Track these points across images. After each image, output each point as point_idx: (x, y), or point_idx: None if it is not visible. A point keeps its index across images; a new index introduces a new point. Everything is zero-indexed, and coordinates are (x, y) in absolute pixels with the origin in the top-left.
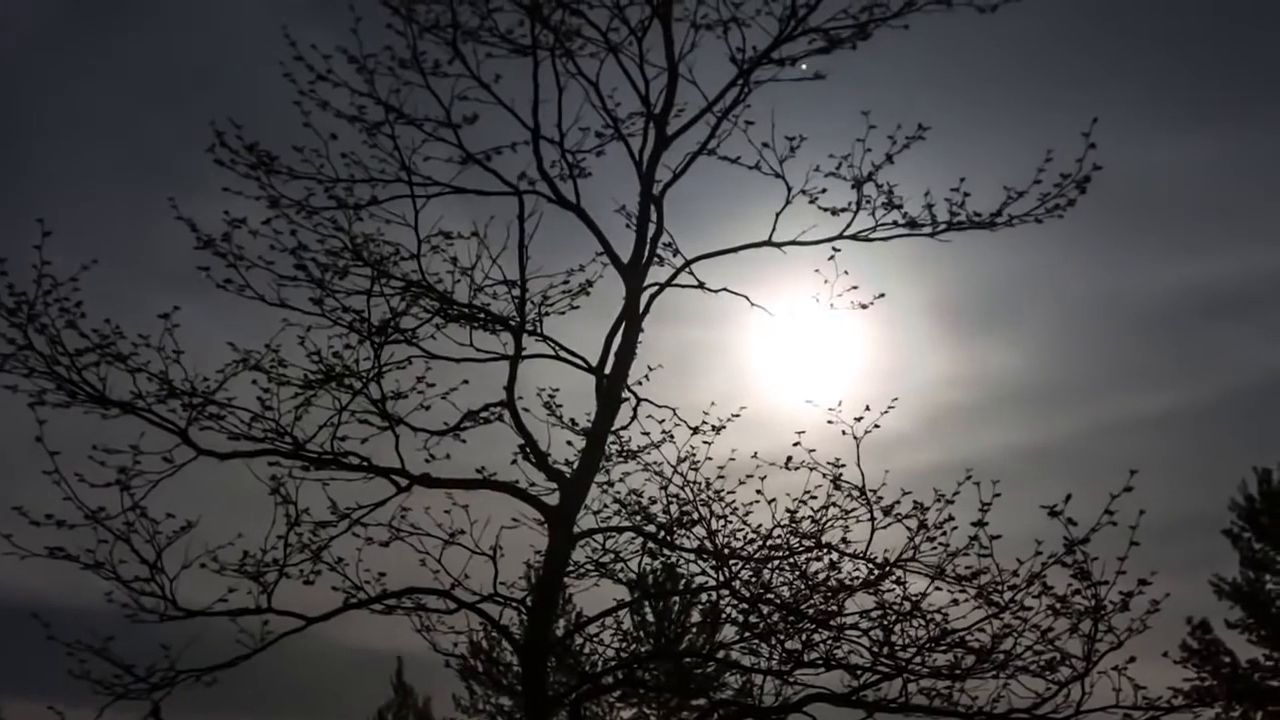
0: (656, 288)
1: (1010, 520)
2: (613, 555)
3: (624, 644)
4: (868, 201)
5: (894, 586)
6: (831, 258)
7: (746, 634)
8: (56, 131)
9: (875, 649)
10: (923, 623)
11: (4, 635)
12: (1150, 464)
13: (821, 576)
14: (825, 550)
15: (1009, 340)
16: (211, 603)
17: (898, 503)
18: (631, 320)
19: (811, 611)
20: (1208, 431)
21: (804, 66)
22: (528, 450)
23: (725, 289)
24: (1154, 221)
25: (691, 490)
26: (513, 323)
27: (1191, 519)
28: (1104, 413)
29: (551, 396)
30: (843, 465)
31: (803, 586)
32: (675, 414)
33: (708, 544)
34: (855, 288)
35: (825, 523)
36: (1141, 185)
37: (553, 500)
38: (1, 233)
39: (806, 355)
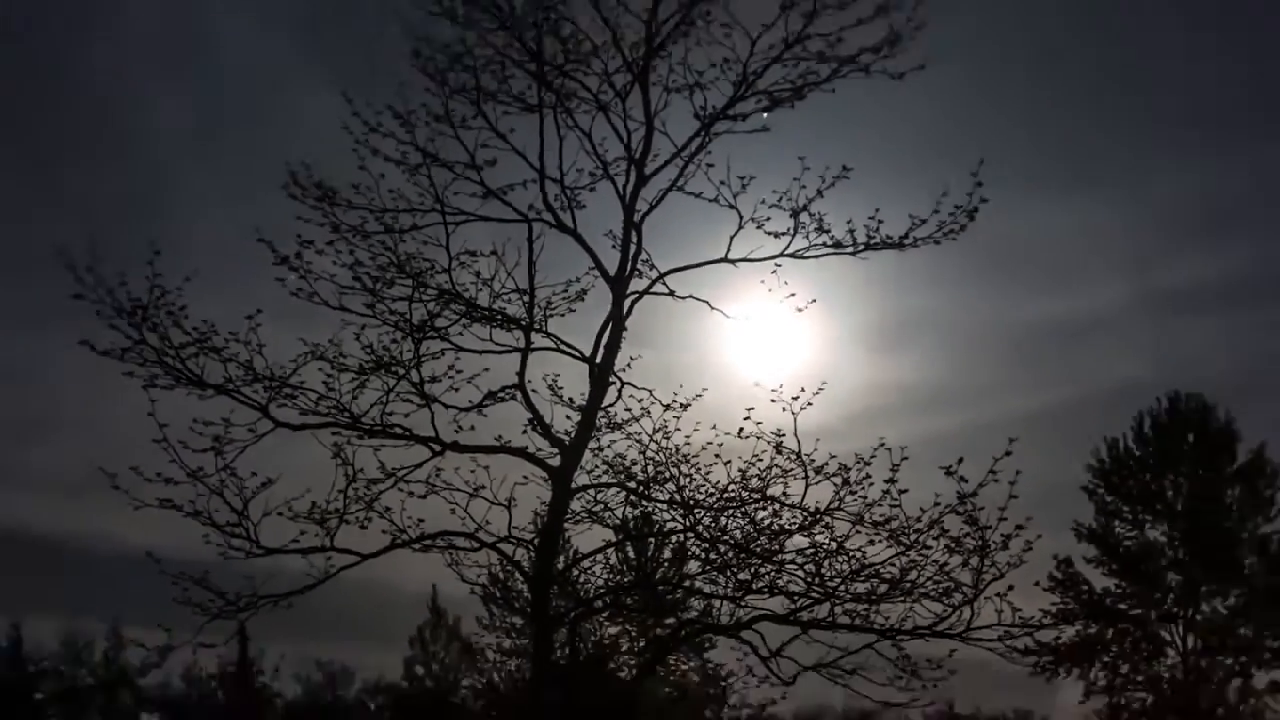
0: (636, 295)
1: (915, 490)
2: (602, 505)
3: (610, 576)
4: (803, 227)
5: (823, 531)
6: (774, 272)
7: (707, 568)
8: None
9: (808, 580)
10: (846, 559)
11: (123, 575)
12: (1025, 448)
13: (766, 523)
14: (769, 502)
15: (917, 357)
16: (286, 542)
17: (826, 464)
18: (617, 321)
19: (758, 550)
20: (1070, 426)
21: (766, 115)
22: (535, 423)
23: (691, 296)
24: (1030, 266)
25: (664, 455)
26: (523, 323)
27: (1058, 488)
28: (989, 411)
29: (554, 381)
30: (783, 435)
31: (751, 530)
32: (651, 394)
33: (677, 497)
34: (794, 295)
35: (769, 480)
36: (1021, 237)
37: (555, 462)
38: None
39: (761, 363)
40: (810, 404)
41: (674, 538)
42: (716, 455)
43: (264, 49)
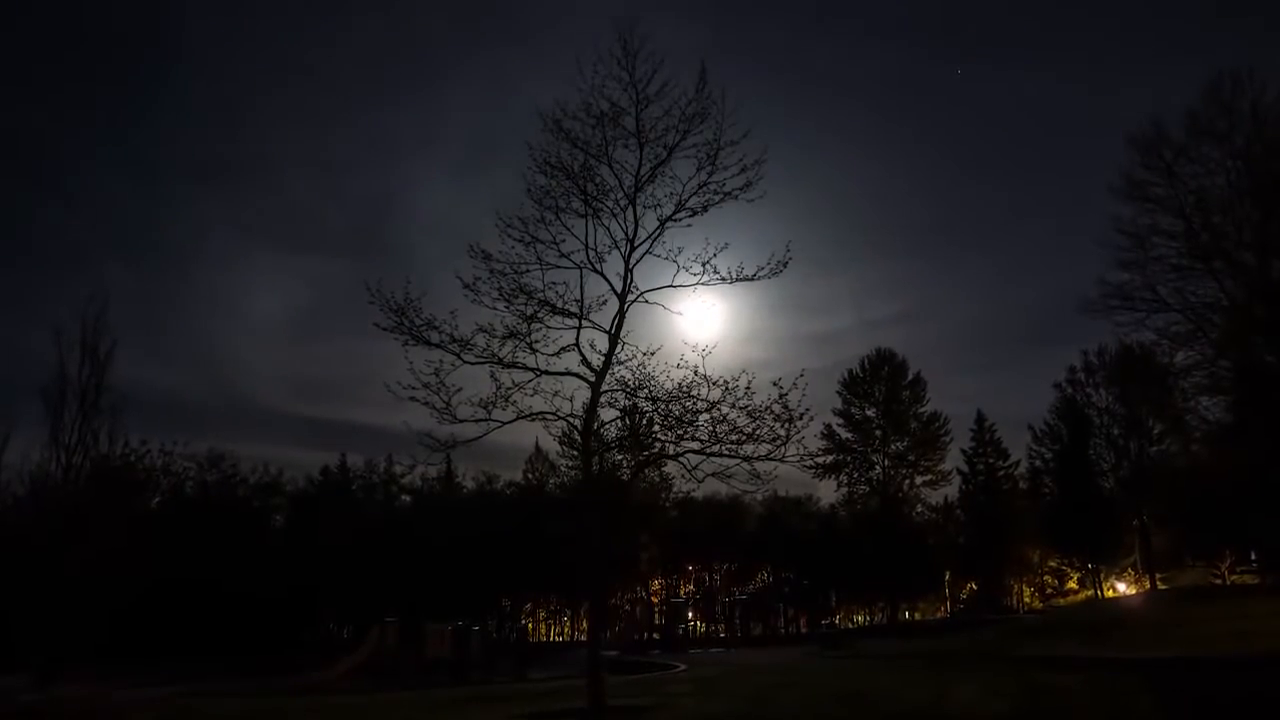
0: (630, 302)
1: (759, 392)
2: (614, 399)
3: (618, 431)
4: (709, 270)
5: (715, 410)
6: (694, 290)
7: (662, 428)
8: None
9: (709, 433)
10: (726, 424)
11: (394, 436)
12: (812, 377)
13: (689, 406)
14: (691, 398)
15: (765, 341)
16: (469, 417)
17: (716, 381)
18: (621, 316)
19: (686, 420)
20: (832, 368)
21: (690, 219)
22: (585, 359)
23: (657, 303)
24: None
25: (642, 375)
26: (578, 314)
27: (826, 395)
28: (796, 364)
29: (591, 344)
30: (698, 367)
31: (683, 410)
32: (637, 349)
33: (648, 395)
34: (706, 301)
35: (691, 387)
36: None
37: (592, 379)
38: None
39: (689, 334)
40: (710, 353)
41: (646, 414)
42: (668, 377)
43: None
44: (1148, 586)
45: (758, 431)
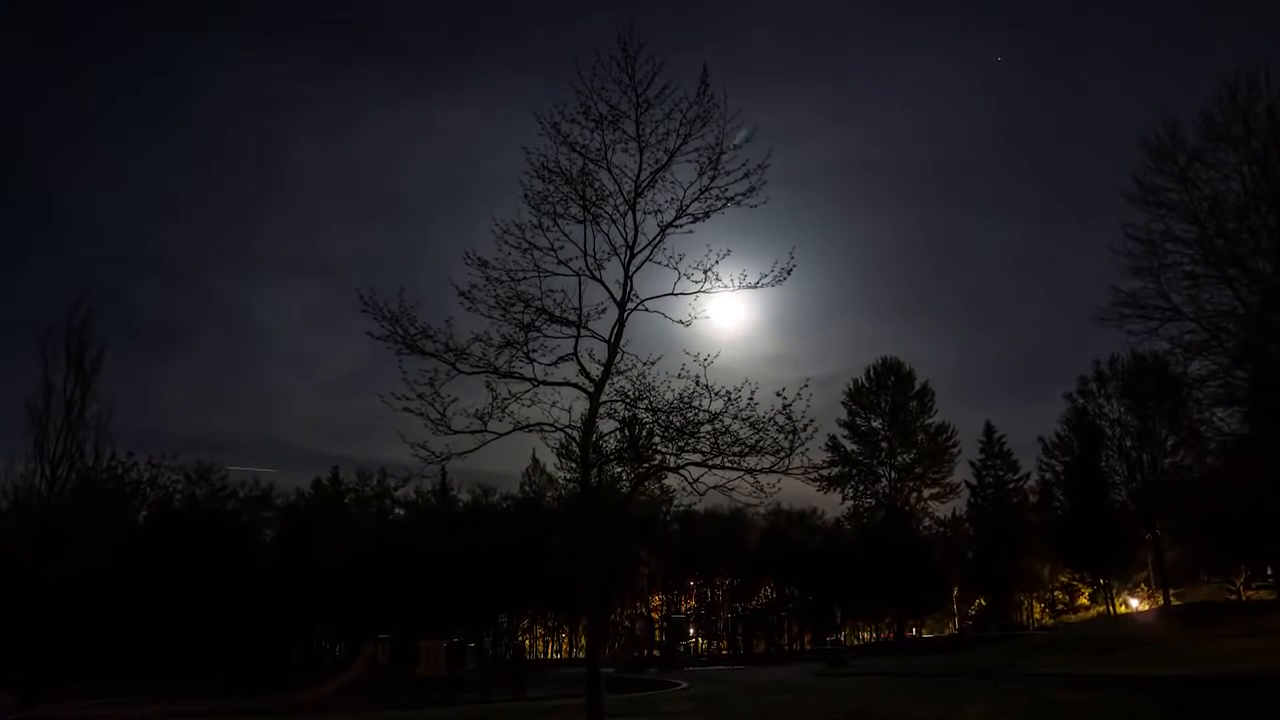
0: (630, 311)
1: (762, 402)
2: (613, 410)
3: (617, 443)
4: (711, 277)
5: (717, 421)
6: (695, 298)
7: (662, 440)
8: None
9: (711, 445)
10: (728, 435)
11: (389, 448)
12: (815, 388)
13: (691, 417)
14: (692, 409)
15: (756, 369)
16: (464, 428)
17: (719, 391)
18: (621, 325)
19: (687, 431)
20: (838, 378)
21: (693, 225)
22: (584, 369)
23: (658, 311)
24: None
25: (642, 386)
26: (576, 323)
27: (832, 404)
28: (797, 373)
29: (590, 353)
30: (699, 377)
31: (684, 421)
32: (637, 358)
33: (648, 406)
34: (709, 316)
35: (692, 398)
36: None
37: (591, 389)
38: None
39: (689, 343)
40: (711, 362)
41: (646, 425)
42: (669, 387)
43: None
44: (1161, 602)
45: (761, 443)
